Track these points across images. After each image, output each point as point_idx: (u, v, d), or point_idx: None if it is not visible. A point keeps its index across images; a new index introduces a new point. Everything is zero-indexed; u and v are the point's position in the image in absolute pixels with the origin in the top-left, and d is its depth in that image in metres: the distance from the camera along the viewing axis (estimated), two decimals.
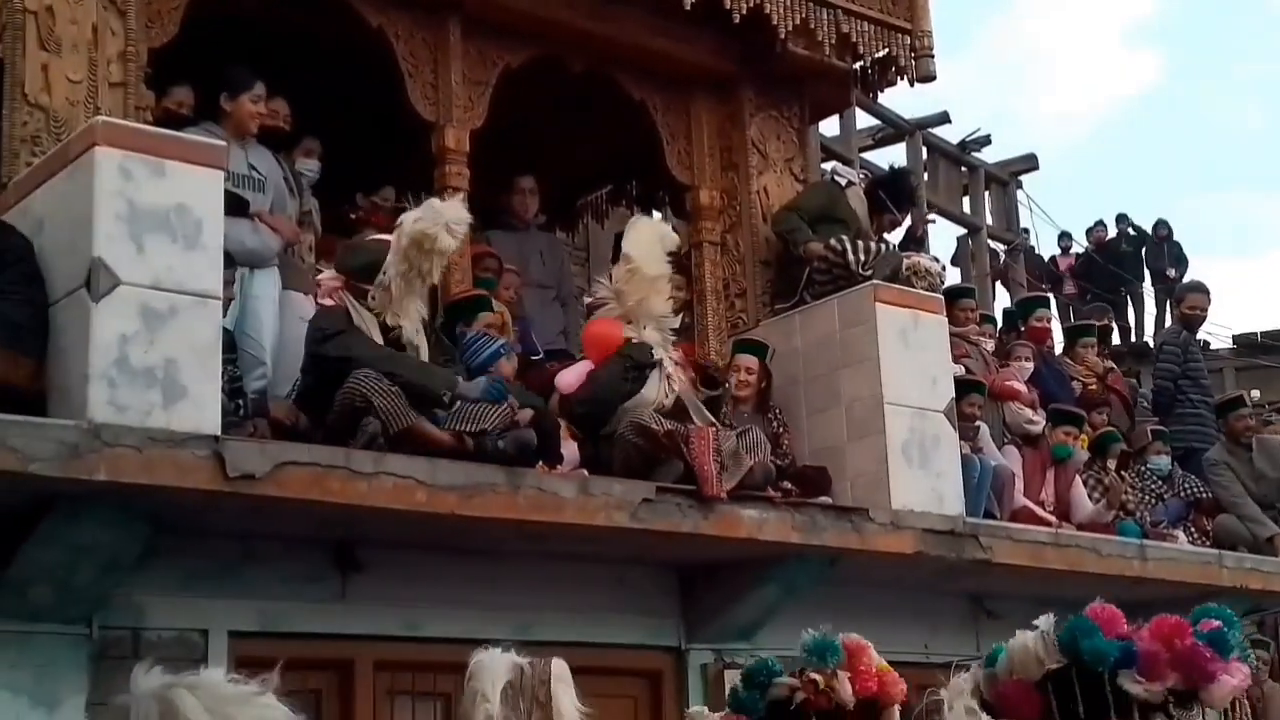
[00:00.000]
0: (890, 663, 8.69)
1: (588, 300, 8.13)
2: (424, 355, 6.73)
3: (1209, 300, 11.84)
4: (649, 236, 7.72)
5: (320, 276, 6.96)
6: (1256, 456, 10.50)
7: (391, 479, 6.09)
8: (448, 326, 7.59)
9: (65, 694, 5.91)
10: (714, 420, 7.52)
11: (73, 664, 5.94)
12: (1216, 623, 4.57)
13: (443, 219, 6.57)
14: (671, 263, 7.83)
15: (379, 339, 6.59)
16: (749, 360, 8.28)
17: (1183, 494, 10.46)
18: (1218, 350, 18.74)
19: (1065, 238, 21.11)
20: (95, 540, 5.60)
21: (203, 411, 5.68)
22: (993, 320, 11.13)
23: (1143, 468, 10.47)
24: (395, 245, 6.60)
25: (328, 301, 6.80)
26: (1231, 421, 10.78)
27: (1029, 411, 9.72)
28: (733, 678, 7.79)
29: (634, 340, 7.42)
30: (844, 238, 8.64)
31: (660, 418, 7.18)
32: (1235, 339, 19.77)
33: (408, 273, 6.59)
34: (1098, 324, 11.86)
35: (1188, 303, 11.75)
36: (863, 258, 8.55)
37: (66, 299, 5.70)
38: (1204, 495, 10.41)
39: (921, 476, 7.98)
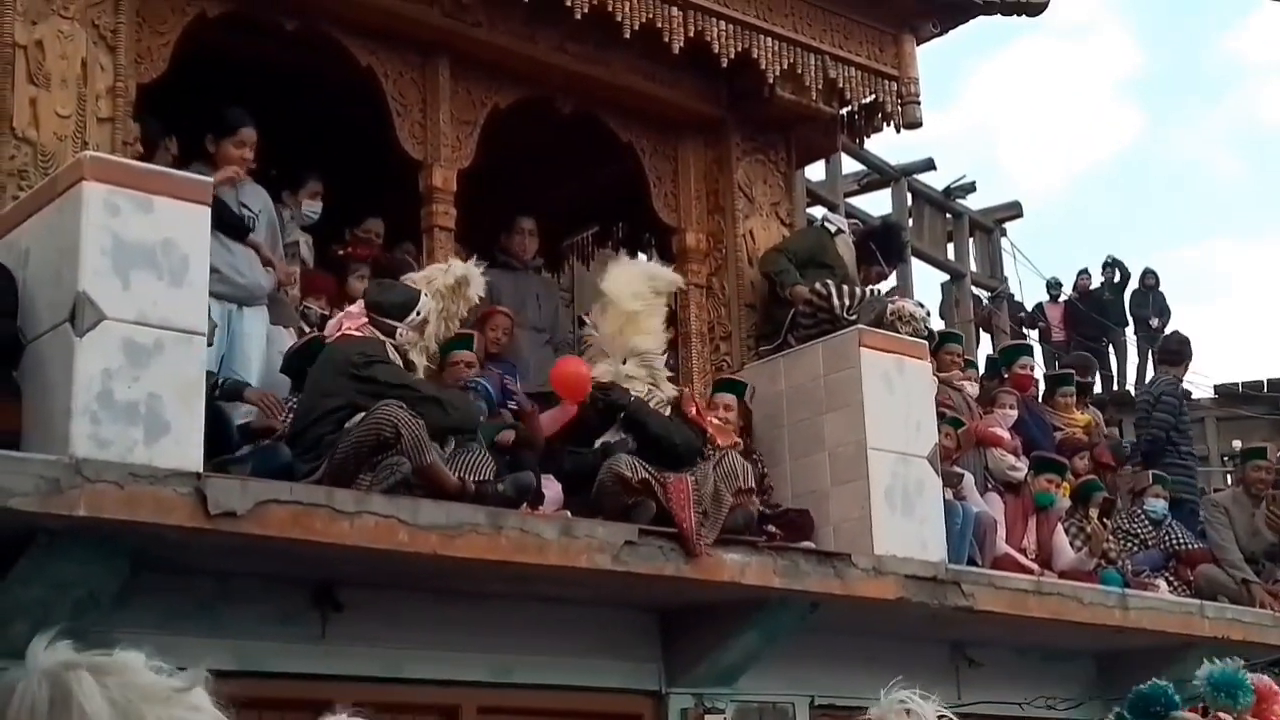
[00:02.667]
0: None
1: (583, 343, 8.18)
2: None
3: (1192, 356, 11.98)
4: (628, 274, 7.79)
5: (350, 309, 7.00)
6: (1259, 515, 10.53)
7: (374, 518, 6.06)
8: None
9: None
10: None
11: None
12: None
13: (470, 269, 7.02)
14: (658, 301, 7.89)
15: None
16: (727, 399, 8.29)
17: (1164, 545, 10.47)
18: (1199, 400, 18.78)
19: (1055, 285, 21.19)
20: (74, 577, 5.56)
21: (185, 448, 5.65)
22: (975, 365, 11.16)
23: (1138, 510, 10.49)
24: (433, 287, 6.90)
25: (355, 331, 6.81)
26: (1248, 471, 10.83)
27: (1011, 458, 9.73)
28: None
29: (605, 380, 7.47)
30: (829, 282, 8.67)
31: (635, 462, 7.16)
32: (1217, 389, 19.83)
33: (441, 313, 6.85)
34: (1078, 378, 11.88)
35: (1180, 371, 11.84)
36: (848, 302, 8.57)
37: (50, 333, 5.68)
38: (1186, 547, 10.43)
39: (904, 522, 7.97)
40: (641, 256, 10.12)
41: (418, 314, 6.81)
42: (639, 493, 7.03)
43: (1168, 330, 18.10)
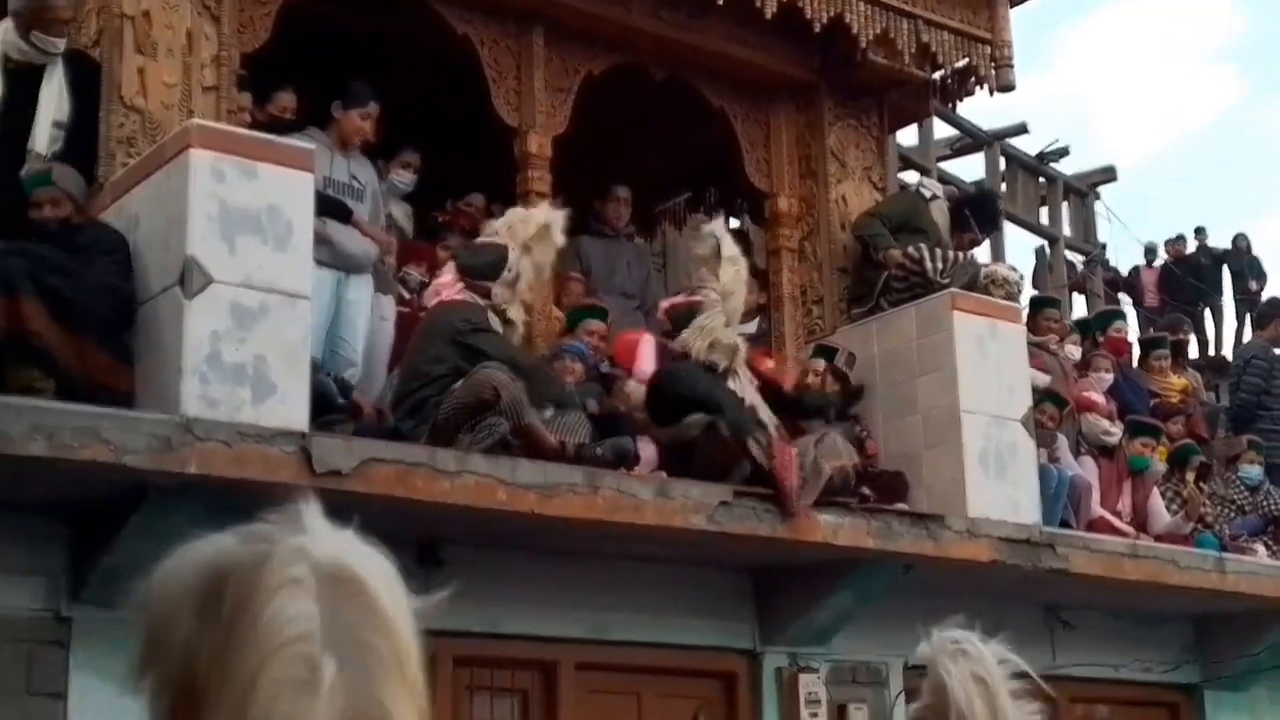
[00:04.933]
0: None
1: (664, 304, 8.23)
2: None
3: None
4: (737, 246, 7.87)
5: (443, 277, 7.12)
6: None
7: (474, 477, 6.19)
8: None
9: None
10: (780, 427, 7.58)
11: None
12: None
13: (545, 212, 7.06)
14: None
15: None
16: (816, 363, 8.34)
17: (1263, 509, 10.38)
18: None
19: (1150, 250, 20.94)
20: (186, 532, 5.66)
21: (291, 408, 5.80)
22: (1078, 329, 11.09)
23: (1233, 476, 10.40)
24: (519, 239, 6.95)
25: (457, 297, 6.93)
26: None
27: (1106, 422, 9.68)
28: (807, 681, 7.86)
29: (720, 341, 7.51)
30: (922, 246, 8.66)
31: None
32: None
33: (531, 267, 6.92)
34: (1171, 337, 11.76)
35: None
36: (940, 265, 8.57)
37: (160, 296, 5.84)
38: None
39: (998, 485, 7.98)
40: (734, 222, 10.20)
41: (509, 271, 6.89)
42: (737, 454, 7.10)
43: (1265, 294, 17.84)
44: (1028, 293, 12.08)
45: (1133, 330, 13.11)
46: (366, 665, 1.24)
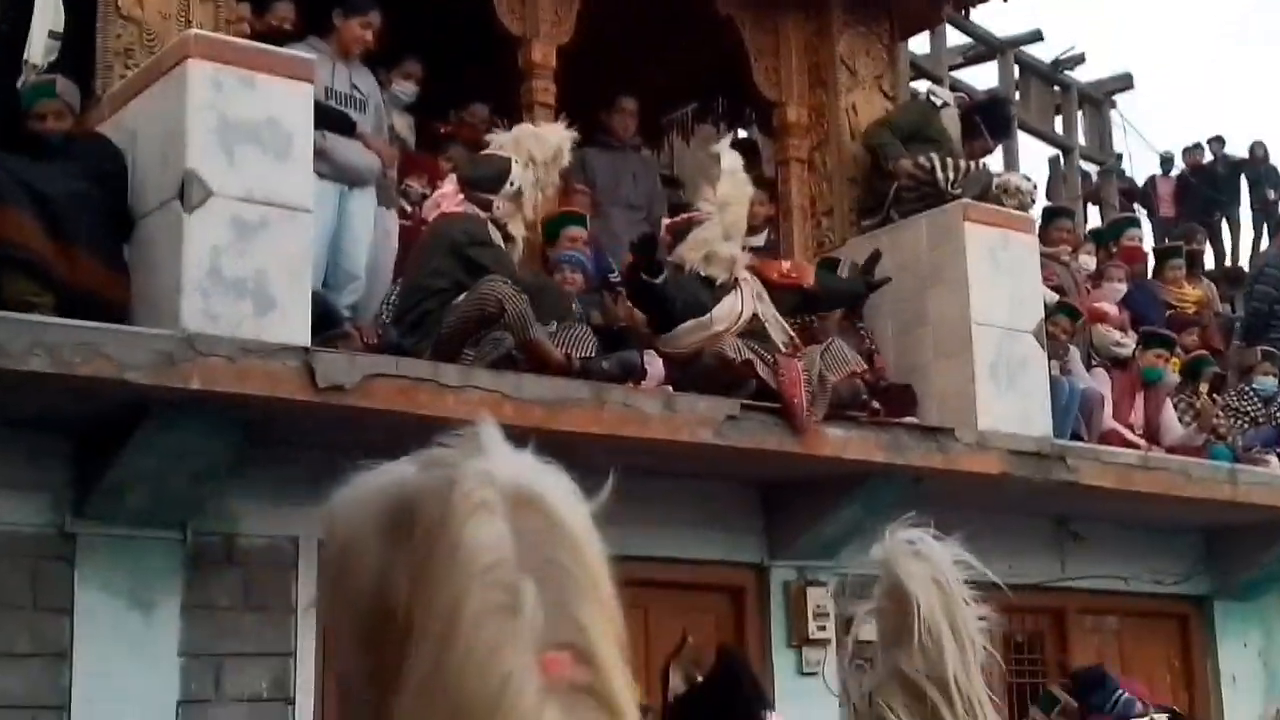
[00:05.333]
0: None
1: (665, 223, 8.14)
2: None
3: None
4: (737, 159, 7.73)
5: (444, 189, 7.03)
6: None
7: (478, 392, 6.14)
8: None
9: (161, 597, 6.06)
10: (794, 336, 7.51)
11: (168, 568, 6.09)
12: None
13: (558, 133, 6.92)
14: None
15: None
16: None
17: (1276, 421, 10.31)
18: None
19: (1166, 160, 20.71)
20: (189, 447, 5.71)
21: (293, 323, 5.76)
22: (1092, 239, 10.99)
23: (1246, 388, 10.34)
24: (525, 154, 6.83)
25: (457, 209, 6.84)
26: None
27: (1117, 334, 9.60)
28: (815, 595, 7.86)
29: (717, 253, 7.43)
30: (933, 156, 8.55)
31: (740, 344, 7.16)
32: None
33: (536, 182, 6.82)
34: (1186, 246, 11.65)
35: None
36: (952, 176, 8.46)
37: (159, 210, 5.78)
38: None
39: (1009, 397, 7.92)
40: (743, 133, 10.07)
41: (511, 184, 6.79)
42: (741, 374, 7.04)
43: None
44: (1041, 203, 11.97)
45: (1148, 241, 12.99)
46: (562, 587, 1.22)
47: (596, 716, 1.21)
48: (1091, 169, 19.73)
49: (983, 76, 18.41)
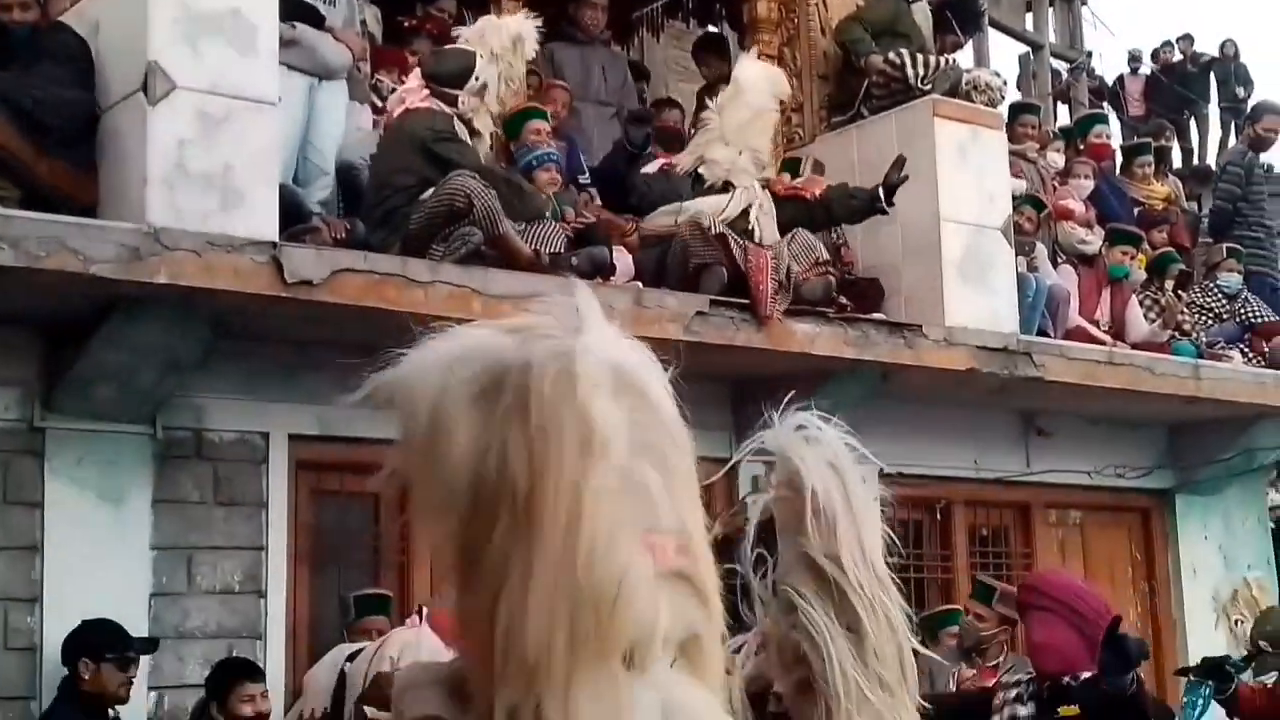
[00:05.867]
0: (940, 479, 8.80)
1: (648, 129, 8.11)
2: None
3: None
4: (765, 73, 7.71)
5: (409, 84, 6.95)
6: None
7: (447, 288, 6.13)
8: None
9: (130, 491, 6.08)
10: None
11: (137, 462, 6.10)
12: None
13: (518, 22, 6.82)
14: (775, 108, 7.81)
15: None
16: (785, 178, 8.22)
17: (1240, 317, 10.38)
18: None
19: (1135, 58, 20.63)
20: (156, 342, 5.70)
21: (260, 217, 5.72)
22: (1060, 136, 10.96)
23: (1212, 285, 10.39)
24: (489, 48, 6.73)
25: (422, 105, 6.77)
26: None
27: (1082, 231, 9.62)
28: None
29: (712, 158, 7.43)
30: (904, 51, 8.50)
31: (716, 220, 7.19)
32: None
33: (500, 75, 6.73)
34: (1154, 143, 11.64)
35: (1264, 124, 11.46)
36: (922, 72, 8.42)
37: (123, 103, 5.71)
38: (1262, 319, 10.34)
39: (976, 293, 7.96)
40: (713, 29, 9.98)
41: (476, 79, 6.71)
42: (713, 247, 7.06)
43: (1254, 100, 17.63)
44: (1011, 100, 11.92)
45: (1116, 138, 12.96)
46: (664, 473, 1.24)
47: (693, 604, 1.22)
48: (1061, 67, 19.67)
49: None
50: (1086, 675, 4.20)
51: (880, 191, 7.53)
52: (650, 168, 7.79)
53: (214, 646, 6.17)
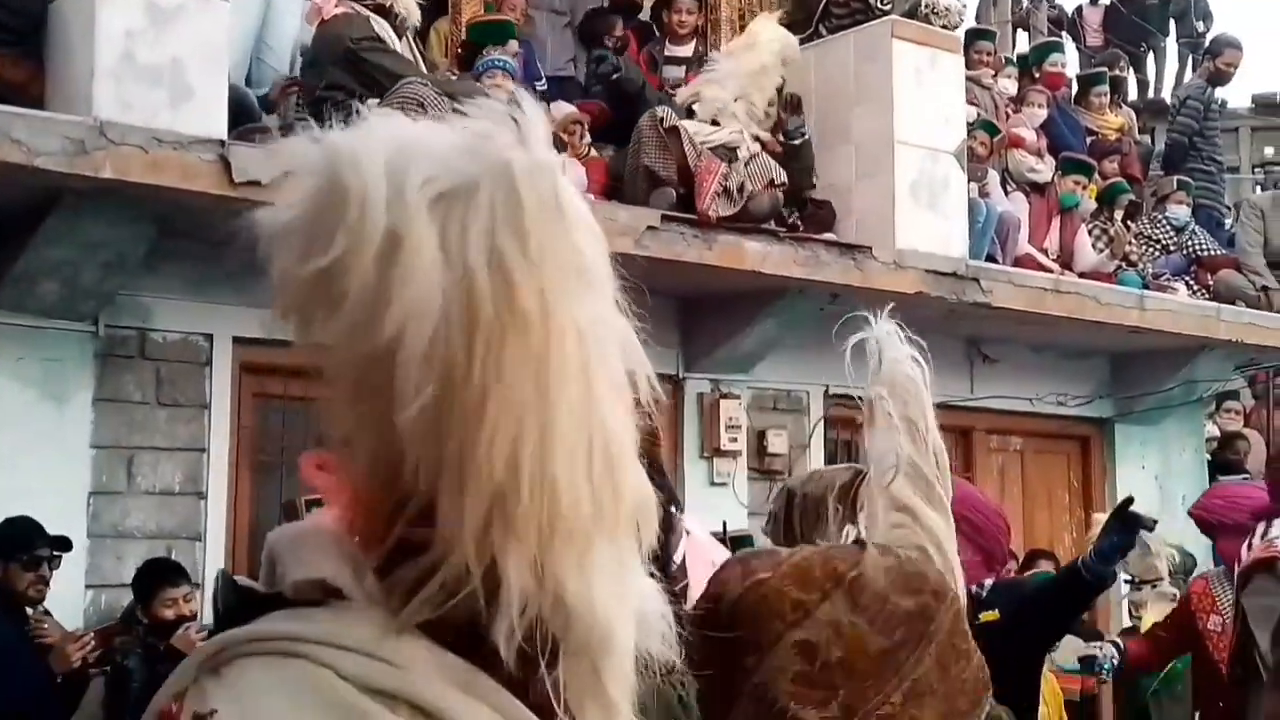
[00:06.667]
0: None
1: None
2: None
3: (1242, 58, 11.63)
4: (775, 34, 7.73)
5: None
6: None
7: None
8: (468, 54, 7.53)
9: (72, 389, 6.02)
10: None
11: (80, 361, 6.04)
12: None
13: None
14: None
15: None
16: None
17: (1187, 250, 10.46)
18: (1235, 109, 18.50)
19: None
20: (101, 238, 5.63)
21: (209, 114, 5.64)
22: (1014, 62, 10.95)
23: (1160, 216, 10.45)
24: None
25: (337, 11, 6.65)
26: None
27: (1033, 159, 9.64)
28: (728, 407, 7.95)
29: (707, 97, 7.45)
30: None
31: (671, 113, 7.22)
32: (1254, 99, 19.50)
33: None
34: (1109, 72, 11.65)
35: (1224, 58, 11.50)
36: None
37: None
38: (1208, 252, 10.42)
39: (928, 217, 7.96)
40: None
41: None
42: (665, 150, 7.07)
43: (1212, 34, 17.65)
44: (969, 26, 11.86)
45: (1073, 68, 12.95)
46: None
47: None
48: None
49: None
50: (992, 581, 4.29)
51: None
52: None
53: (153, 547, 6.15)
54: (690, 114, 7.51)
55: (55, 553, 5.48)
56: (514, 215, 1.09)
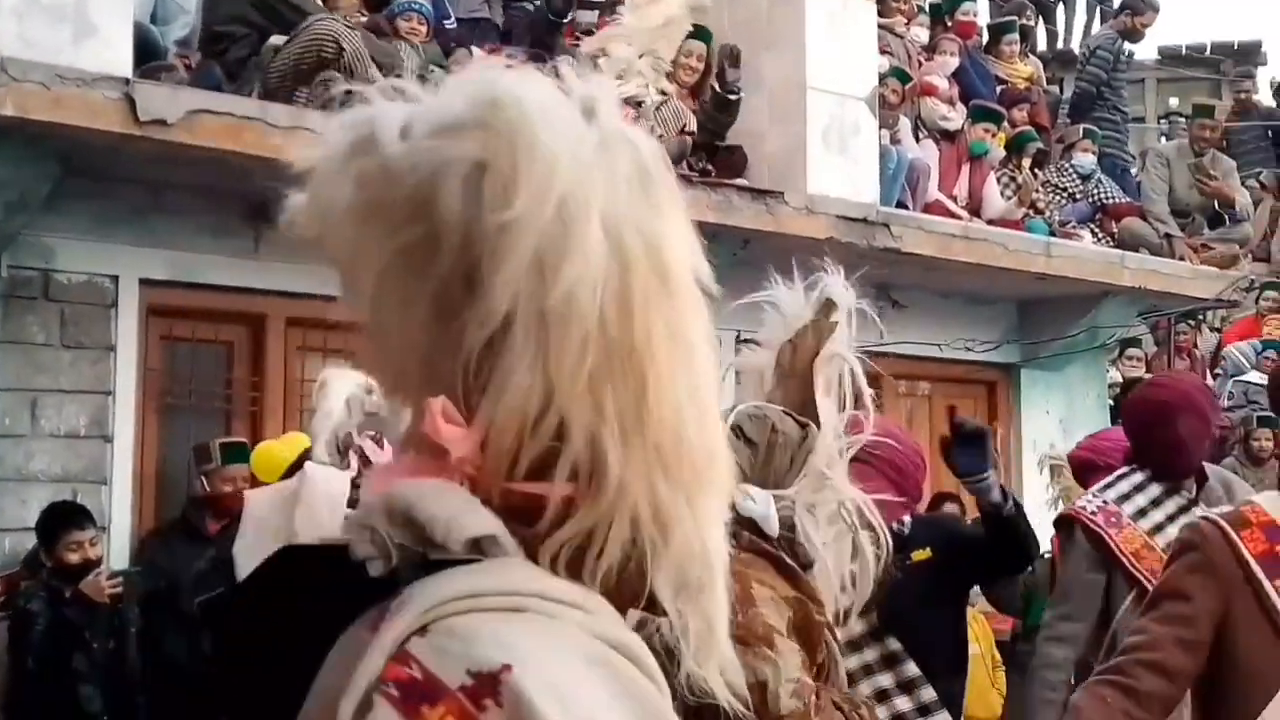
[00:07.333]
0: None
1: None
2: None
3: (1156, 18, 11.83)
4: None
5: None
6: (1206, 162, 10.76)
7: (308, 134, 5.99)
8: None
9: None
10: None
11: None
12: None
13: None
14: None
15: None
16: (699, 47, 8.10)
17: (1093, 198, 10.60)
18: (1141, 61, 18.68)
19: None
20: (3, 177, 5.52)
21: (114, 51, 5.55)
22: (926, 11, 11.01)
23: (1067, 165, 10.58)
24: None
25: None
26: (1195, 128, 11.04)
27: (944, 107, 9.72)
28: None
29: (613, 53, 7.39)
30: None
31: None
32: (1160, 50, 19.72)
33: None
34: (1019, 21, 11.76)
35: (1144, 19, 11.66)
36: None
37: None
38: (1113, 200, 10.57)
39: (839, 163, 8.00)
40: None
41: None
42: None
43: None
44: None
45: (984, 18, 13.03)
46: None
47: None
48: None
49: None
50: (910, 518, 4.23)
51: None
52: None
53: (58, 490, 6.07)
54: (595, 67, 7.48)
55: None
56: (647, 183, 1.13)
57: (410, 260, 1.11)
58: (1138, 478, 4.33)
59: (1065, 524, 4.50)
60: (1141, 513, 4.25)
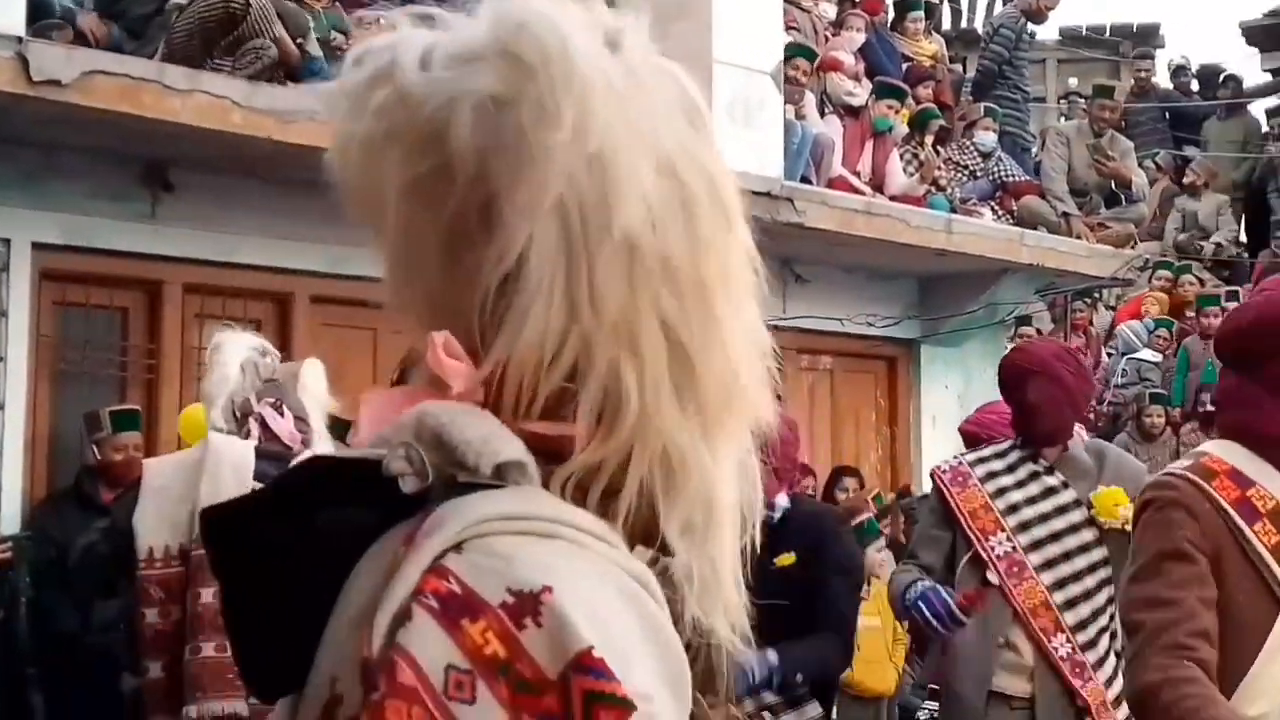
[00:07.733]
0: None
1: None
2: None
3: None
4: None
5: None
6: (1105, 142, 10.91)
7: (206, 97, 5.92)
8: None
9: None
10: None
11: None
12: None
13: None
14: None
15: None
16: None
17: (994, 175, 10.72)
18: (1043, 41, 18.91)
19: None
20: None
21: (6, 10, 5.42)
22: None
23: (968, 143, 10.68)
24: None
25: None
26: (1095, 108, 11.17)
27: (850, 83, 9.77)
28: None
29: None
30: None
31: None
32: (1061, 30, 19.97)
33: None
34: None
35: (1048, 1, 11.80)
36: None
37: None
38: (1013, 178, 10.70)
39: (743, 137, 8.01)
40: None
41: None
42: None
43: None
44: None
45: None
46: None
47: None
48: None
49: None
50: (787, 501, 4.24)
51: None
52: None
53: None
54: None
55: None
56: (694, 117, 1.13)
57: (427, 192, 1.09)
58: (1004, 445, 4.40)
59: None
60: (991, 475, 4.31)
